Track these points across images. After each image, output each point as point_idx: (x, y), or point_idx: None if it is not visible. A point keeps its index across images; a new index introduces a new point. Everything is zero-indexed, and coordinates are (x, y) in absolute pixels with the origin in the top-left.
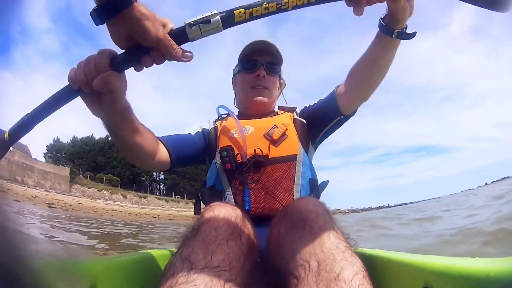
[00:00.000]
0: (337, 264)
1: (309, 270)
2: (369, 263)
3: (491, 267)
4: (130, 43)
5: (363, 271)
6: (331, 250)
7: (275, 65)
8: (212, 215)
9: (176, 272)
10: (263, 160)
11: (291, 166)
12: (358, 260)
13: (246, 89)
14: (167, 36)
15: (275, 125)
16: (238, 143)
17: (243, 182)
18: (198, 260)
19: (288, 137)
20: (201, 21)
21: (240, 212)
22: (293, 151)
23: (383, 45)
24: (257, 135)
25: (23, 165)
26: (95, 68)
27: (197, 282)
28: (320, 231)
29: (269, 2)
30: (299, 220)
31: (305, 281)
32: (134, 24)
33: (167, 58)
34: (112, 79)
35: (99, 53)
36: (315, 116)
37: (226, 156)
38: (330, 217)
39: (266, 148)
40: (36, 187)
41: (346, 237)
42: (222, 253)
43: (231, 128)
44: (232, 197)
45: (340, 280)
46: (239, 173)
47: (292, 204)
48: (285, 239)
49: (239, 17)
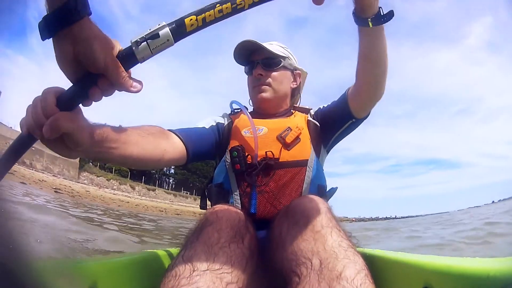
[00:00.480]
0: (339, 262)
1: (311, 268)
2: (369, 263)
3: (491, 267)
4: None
5: (365, 270)
6: (333, 249)
7: (273, 59)
8: (215, 217)
9: (178, 274)
10: (274, 163)
11: (301, 171)
12: (360, 258)
13: (250, 90)
14: (115, 60)
15: (289, 128)
16: (249, 144)
17: (251, 185)
18: (200, 262)
19: (301, 141)
20: (149, 36)
21: (243, 215)
22: (305, 156)
23: (366, 37)
24: (270, 136)
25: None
26: (42, 112)
27: (199, 284)
28: (322, 229)
29: (222, 3)
30: (301, 218)
31: (307, 279)
32: (83, 42)
33: (116, 88)
34: (62, 121)
35: (43, 93)
36: (328, 119)
37: (236, 156)
38: (333, 215)
39: (278, 151)
40: (44, 171)
41: (348, 236)
42: (225, 255)
43: (243, 126)
44: (239, 198)
45: (342, 279)
46: (248, 175)
47: (295, 202)
48: (287, 237)
49: (191, 25)
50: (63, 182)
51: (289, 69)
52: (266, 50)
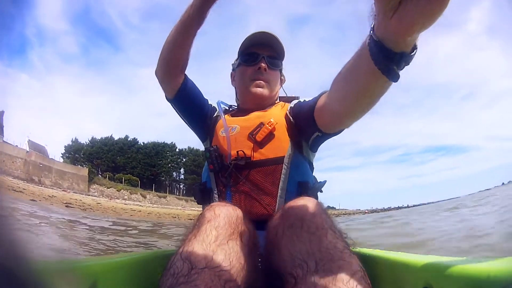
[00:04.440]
0: (335, 263)
1: (307, 270)
2: (369, 263)
3: (491, 267)
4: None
5: (360, 271)
6: (329, 250)
7: (277, 59)
8: (213, 214)
9: (177, 272)
10: (245, 163)
11: (277, 169)
12: (356, 260)
13: (246, 81)
14: None
15: (262, 123)
16: (225, 143)
17: (225, 184)
18: (198, 260)
19: (276, 137)
20: None
21: (241, 213)
22: (280, 153)
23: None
24: (242, 135)
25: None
26: None
27: (198, 282)
28: (317, 231)
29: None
30: (296, 220)
31: (303, 281)
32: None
33: None
34: None
35: None
36: (298, 121)
37: (209, 157)
38: (328, 216)
39: (249, 150)
40: (53, 187)
41: (344, 237)
42: (223, 253)
43: (221, 126)
44: (217, 197)
45: (338, 280)
46: (222, 175)
47: (290, 204)
48: (282, 239)
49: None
50: (74, 196)
51: (281, 73)
52: (277, 48)
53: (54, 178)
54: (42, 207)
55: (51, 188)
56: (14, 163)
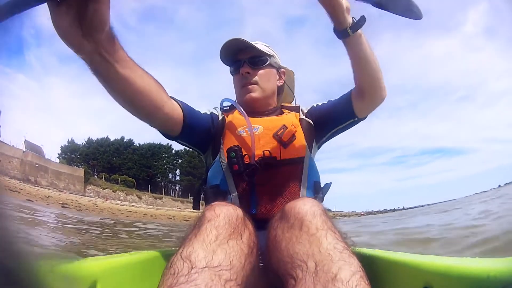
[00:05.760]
0: (335, 264)
1: (306, 271)
2: (369, 263)
3: (491, 267)
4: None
5: (360, 272)
6: (329, 251)
7: (260, 57)
8: (213, 214)
9: (177, 272)
10: (273, 162)
11: (298, 169)
12: (355, 260)
13: (237, 90)
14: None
15: (285, 126)
16: (246, 143)
17: (250, 185)
18: (198, 259)
19: (297, 139)
20: None
21: (241, 212)
22: (301, 153)
23: (351, 46)
24: (266, 135)
25: (36, 166)
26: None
27: (198, 281)
28: (317, 231)
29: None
30: (296, 220)
31: (302, 282)
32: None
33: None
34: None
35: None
36: (326, 117)
37: (235, 157)
38: (328, 217)
39: (275, 150)
40: (49, 187)
41: (344, 237)
42: (223, 252)
43: (239, 125)
44: (237, 199)
45: (338, 281)
46: (247, 175)
47: (289, 205)
48: (282, 240)
49: None
50: (69, 197)
51: (275, 67)
52: (253, 48)
53: (50, 178)
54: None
55: (47, 189)
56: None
